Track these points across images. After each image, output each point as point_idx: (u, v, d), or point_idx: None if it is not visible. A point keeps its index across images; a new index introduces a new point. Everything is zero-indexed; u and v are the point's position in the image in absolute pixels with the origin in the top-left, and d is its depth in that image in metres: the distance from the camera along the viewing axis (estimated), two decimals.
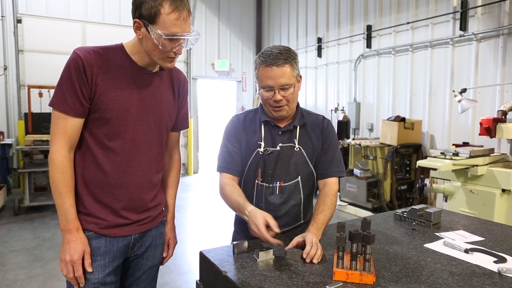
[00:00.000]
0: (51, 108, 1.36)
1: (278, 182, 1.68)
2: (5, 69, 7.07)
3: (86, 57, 1.33)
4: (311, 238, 1.40)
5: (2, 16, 7.00)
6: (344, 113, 6.81)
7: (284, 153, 1.68)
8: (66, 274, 1.37)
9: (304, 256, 1.36)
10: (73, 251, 1.35)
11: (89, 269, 1.39)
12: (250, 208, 1.49)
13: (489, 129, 3.68)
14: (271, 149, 1.67)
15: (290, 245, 1.41)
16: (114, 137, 1.40)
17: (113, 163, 1.41)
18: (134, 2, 1.33)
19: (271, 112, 1.66)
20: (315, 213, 1.59)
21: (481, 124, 3.77)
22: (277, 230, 1.41)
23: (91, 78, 1.33)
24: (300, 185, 1.70)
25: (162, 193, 1.64)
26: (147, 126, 1.47)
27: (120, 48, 1.43)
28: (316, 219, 1.54)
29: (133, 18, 1.34)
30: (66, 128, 1.34)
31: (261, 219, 1.42)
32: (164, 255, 1.69)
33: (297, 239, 1.42)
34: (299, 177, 1.69)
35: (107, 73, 1.36)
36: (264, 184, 1.69)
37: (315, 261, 1.34)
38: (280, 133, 1.70)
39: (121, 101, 1.39)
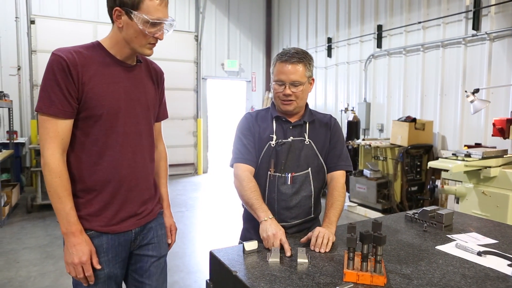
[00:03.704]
0: (38, 113, 1.35)
1: (289, 173, 1.75)
2: (18, 69, 7.19)
3: (69, 58, 1.33)
4: (318, 230, 1.51)
5: (16, 17, 7.12)
6: (354, 113, 6.76)
7: (295, 145, 1.77)
8: (75, 275, 1.38)
9: (312, 248, 1.47)
10: (81, 253, 1.36)
11: (98, 267, 1.41)
12: (271, 216, 1.57)
13: (502, 130, 3.63)
14: (284, 140, 1.76)
15: (304, 239, 1.53)
16: (107, 133, 1.41)
17: (108, 158, 1.42)
18: None
19: (280, 106, 1.76)
20: (326, 209, 1.69)
21: (494, 125, 3.72)
22: (288, 254, 1.42)
23: (77, 78, 1.34)
24: (311, 176, 1.78)
25: (156, 184, 1.68)
26: (135, 118, 1.49)
27: (98, 45, 1.45)
28: (327, 214, 1.65)
29: (112, 8, 1.36)
30: (58, 131, 1.34)
31: (278, 231, 1.49)
32: (169, 241, 1.73)
33: (309, 235, 1.53)
34: (309, 168, 1.78)
35: (90, 71, 1.38)
36: (277, 174, 1.76)
37: (322, 250, 1.44)
38: (291, 127, 1.79)
39: (109, 97, 1.40)
